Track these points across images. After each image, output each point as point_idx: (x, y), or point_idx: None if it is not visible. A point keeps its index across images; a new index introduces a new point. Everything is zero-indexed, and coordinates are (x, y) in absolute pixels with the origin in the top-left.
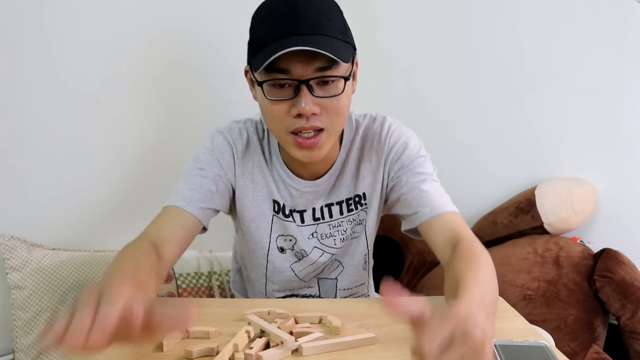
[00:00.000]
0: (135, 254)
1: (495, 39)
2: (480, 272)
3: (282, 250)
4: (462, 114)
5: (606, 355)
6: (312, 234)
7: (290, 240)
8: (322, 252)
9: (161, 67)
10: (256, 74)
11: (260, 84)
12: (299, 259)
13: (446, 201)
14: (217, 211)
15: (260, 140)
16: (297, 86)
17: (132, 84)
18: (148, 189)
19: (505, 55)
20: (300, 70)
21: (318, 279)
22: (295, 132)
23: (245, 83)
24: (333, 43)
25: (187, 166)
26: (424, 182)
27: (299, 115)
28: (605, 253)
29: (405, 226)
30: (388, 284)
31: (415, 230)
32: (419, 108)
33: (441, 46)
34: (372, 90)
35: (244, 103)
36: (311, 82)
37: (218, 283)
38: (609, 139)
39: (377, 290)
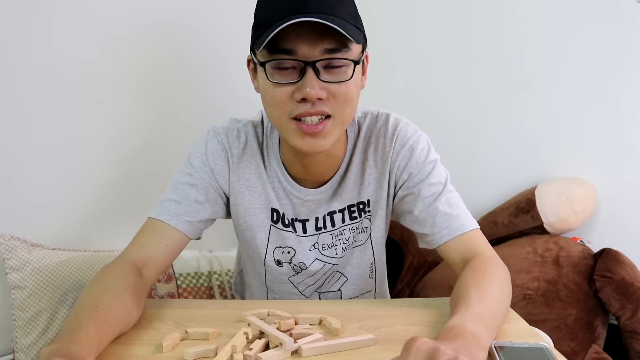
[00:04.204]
0: (104, 293)
1: (494, 39)
2: (488, 287)
3: (278, 263)
4: (461, 114)
5: (606, 355)
6: (314, 245)
7: (289, 252)
8: (323, 263)
9: (162, 67)
10: (259, 55)
11: (262, 64)
12: (297, 272)
13: (464, 219)
14: (212, 220)
15: (260, 145)
16: (303, 68)
17: (133, 85)
18: (149, 189)
19: (504, 55)
20: (307, 51)
21: (319, 293)
22: (298, 119)
23: (246, 80)
24: (343, 24)
25: (178, 169)
26: (438, 197)
27: (303, 100)
28: (605, 253)
29: (422, 245)
30: None
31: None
32: (419, 108)
33: (440, 46)
34: (370, 90)
35: (246, 101)
36: (318, 65)
37: (218, 283)
38: (608, 138)
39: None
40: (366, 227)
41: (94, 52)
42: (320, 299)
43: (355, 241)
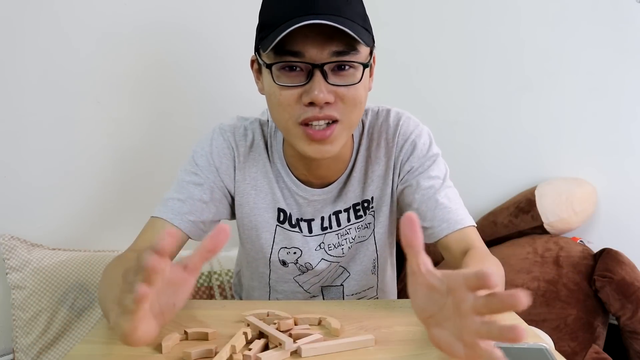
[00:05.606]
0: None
1: (495, 39)
2: (485, 264)
3: (284, 263)
4: (462, 113)
5: (606, 355)
6: (320, 245)
7: (295, 253)
8: (329, 263)
9: (162, 67)
10: (265, 57)
11: (269, 66)
12: (303, 272)
13: (462, 214)
14: (216, 222)
15: (266, 144)
16: (310, 71)
17: (133, 85)
18: (149, 189)
19: (505, 56)
20: (315, 53)
21: (322, 287)
22: (306, 123)
23: (246, 80)
24: (353, 26)
25: (183, 168)
26: (438, 190)
27: (311, 104)
28: (605, 253)
29: (424, 240)
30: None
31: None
32: (419, 108)
33: (442, 46)
34: (372, 89)
35: (247, 101)
36: (326, 68)
37: (218, 283)
38: (609, 138)
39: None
40: (369, 223)
41: (94, 51)
42: (323, 293)
43: (358, 237)
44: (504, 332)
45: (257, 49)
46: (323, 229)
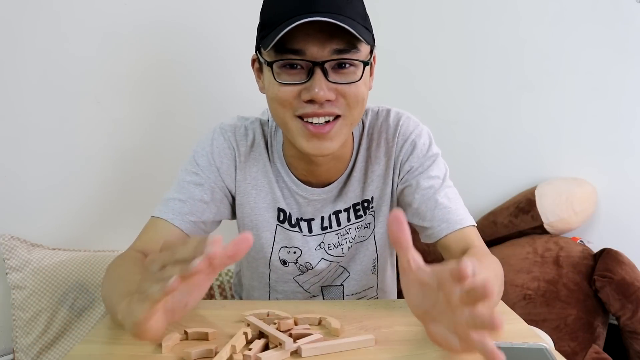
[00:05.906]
0: (128, 266)
1: (495, 39)
2: (484, 263)
3: (284, 263)
4: (462, 113)
5: (606, 355)
6: (320, 245)
7: (295, 252)
8: (329, 262)
9: (162, 67)
10: (266, 55)
11: (270, 64)
12: (303, 272)
13: (462, 214)
14: (217, 222)
15: (266, 143)
16: (311, 69)
17: (132, 85)
18: (149, 189)
19: (505, 56)
20: (316, 51)
21: (322, 287)
22: (304, 118)
23: (246, 80)
24: (353, 24)
25: (183, 168)
26: (438, 190)
27: (310, 101)
28: (605, 253)
29: (424, 240)
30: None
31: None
32: (419, 108)
33: (442, 46)
34: (372, 89)
35: (247, 101)
36: (326, 66)
37: (218, 283)
38: (609, 138)
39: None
40: (369, 223)
41: (94, 51)
42: (323, 293)
43: (358, 237)
44: (486, 322)
45: (258, 48)
46: (323, 228)
